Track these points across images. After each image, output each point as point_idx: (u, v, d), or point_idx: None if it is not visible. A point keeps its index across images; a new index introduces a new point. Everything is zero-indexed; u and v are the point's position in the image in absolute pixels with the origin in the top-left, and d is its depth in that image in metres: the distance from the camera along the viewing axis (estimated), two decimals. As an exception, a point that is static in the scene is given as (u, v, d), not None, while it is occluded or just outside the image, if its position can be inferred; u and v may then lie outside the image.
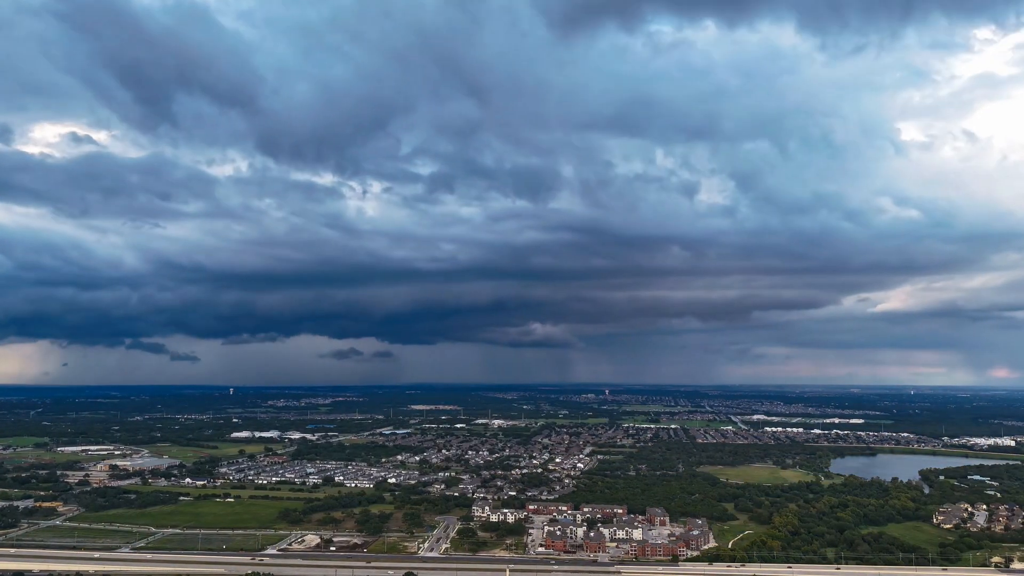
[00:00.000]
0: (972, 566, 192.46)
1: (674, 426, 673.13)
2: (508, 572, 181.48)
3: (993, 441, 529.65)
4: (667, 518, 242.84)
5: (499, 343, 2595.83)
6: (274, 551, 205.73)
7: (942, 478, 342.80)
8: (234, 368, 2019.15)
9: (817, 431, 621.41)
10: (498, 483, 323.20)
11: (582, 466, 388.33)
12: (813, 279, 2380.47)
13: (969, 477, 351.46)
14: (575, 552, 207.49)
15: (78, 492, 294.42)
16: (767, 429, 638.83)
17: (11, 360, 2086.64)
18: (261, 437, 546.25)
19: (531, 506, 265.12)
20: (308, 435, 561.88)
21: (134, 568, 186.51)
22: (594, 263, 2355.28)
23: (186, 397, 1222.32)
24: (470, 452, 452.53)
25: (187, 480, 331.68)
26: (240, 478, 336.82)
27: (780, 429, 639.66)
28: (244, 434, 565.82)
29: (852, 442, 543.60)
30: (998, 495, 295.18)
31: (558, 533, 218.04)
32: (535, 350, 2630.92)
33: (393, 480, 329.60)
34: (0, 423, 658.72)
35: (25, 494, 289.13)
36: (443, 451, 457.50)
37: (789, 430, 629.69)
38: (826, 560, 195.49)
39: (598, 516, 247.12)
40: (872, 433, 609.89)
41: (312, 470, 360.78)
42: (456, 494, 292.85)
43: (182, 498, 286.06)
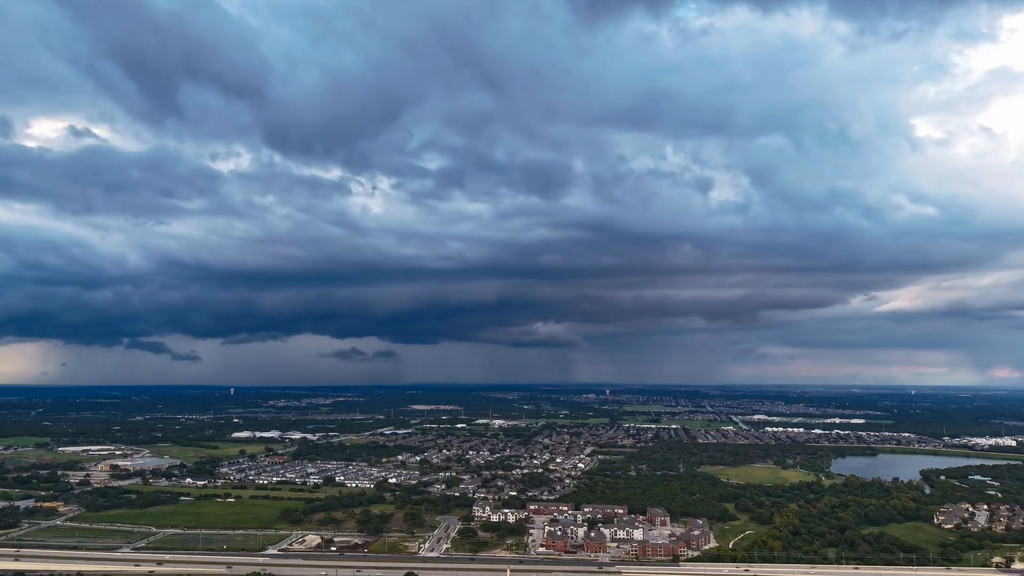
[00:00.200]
0: (973, 566, 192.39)
1: (675, 426, 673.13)
2: (509, 572, 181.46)
3: (994, 441, 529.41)
4: (668, 518, 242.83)
5: (502, 343, 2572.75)
6: (275, 551, 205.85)
7: (943, 478, 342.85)
8: (235, 368, 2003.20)
9: (818, 431, 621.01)
10: (499, 483, 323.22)
11: (583, 466, 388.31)
12: (824, 277, 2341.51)
13: (970, 477, 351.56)
14: (576, 552, 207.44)
15: (79, 492, 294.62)
16: (768, 429, 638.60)
17: (11, 360, 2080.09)
18: (262, 437, 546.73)
19: (532, 506, 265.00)
20: (309, 435, 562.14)
21: (135, 568, 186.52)
22: (603, 261, 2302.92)
23: (187, 397, 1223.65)
24: (471, 452, 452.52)
25: (188, 480, 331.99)
26: (241, 478, 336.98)
27: (781, 429, 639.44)
28: (245, 434, 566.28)
29: (853, 442, 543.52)
30: (999, 495, 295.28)
31: (559, 533, 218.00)
32: (538, 350, 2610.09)
33: (394, 480, 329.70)
34: (1, 423, 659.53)
35: (26, 494, 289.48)
36: (444, 451, 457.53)
37: (790, 430, 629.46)
38: (827, 560, 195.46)
39: (599, 516, 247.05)
40: (873, 433, 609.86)
41: (313, 470, 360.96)
42: (457, 494, 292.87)
43: (183, 498, 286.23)
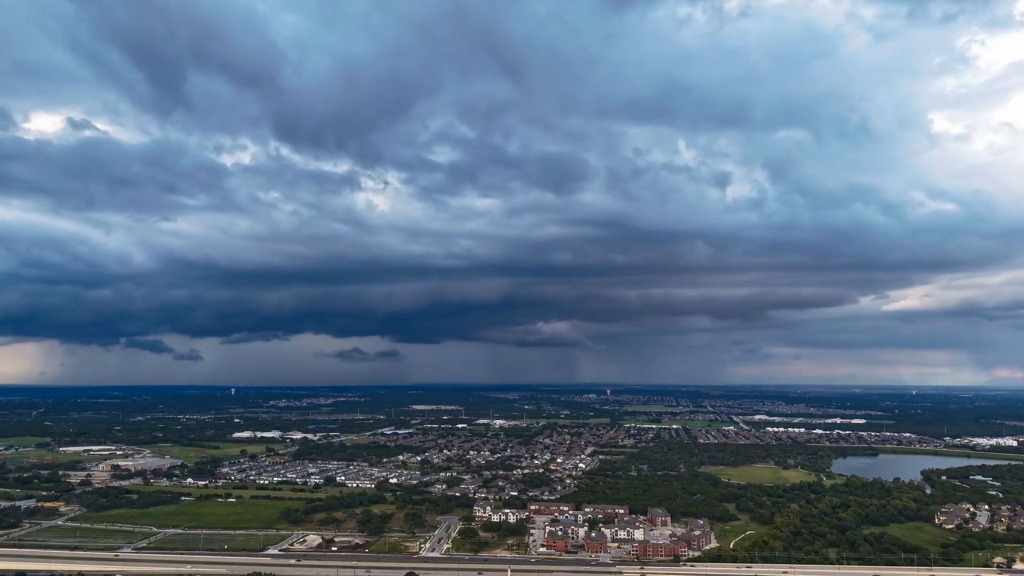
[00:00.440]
0: (974, 566, 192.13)
1: (676, 426, 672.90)
2: (510, 572, 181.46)
3: (995, 441, 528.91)
4: (668, 518, 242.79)
5: (505, 342, 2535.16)
6: (276, 551, 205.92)
7: (944, 478, 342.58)
8: (236, 368, 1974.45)
9: (819, 431, 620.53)
10: (499, 483, 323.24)
11: (583, 466, 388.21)
12: (837, 276, 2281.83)
13: (971, 477, 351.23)
14: (576, 552, 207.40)
15: (80, 492, 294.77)
16: (769, 429, 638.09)
17: (12, 360, 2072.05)
18: (263, 437, 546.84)
19: (532, 506, 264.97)
20: (310, 435, 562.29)
21: (136, 568, 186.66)
22: (612, 260, 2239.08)
23: (188, 397, 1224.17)
24: (471, 452, 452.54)
25: (189, 480, 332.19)
26: (242, 478, 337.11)
27: (782, 429, 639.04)
28: (246, 434, 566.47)
29: (854, 442, 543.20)
30: (1000, 495, 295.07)
31: (559, 533, 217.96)
32: (541, 349, 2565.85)
33: (394, 480, 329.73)
34: (2, 423, 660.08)
35: (27, 494, 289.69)
36: (444, 451, 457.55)
37: (791, 430, 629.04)
38: (828, 560, 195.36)
39: (599, 516, 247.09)
40: (874, 433, 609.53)
41: (314, 470, 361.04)
42: (457, 494, 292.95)
43: (184, 498, 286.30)
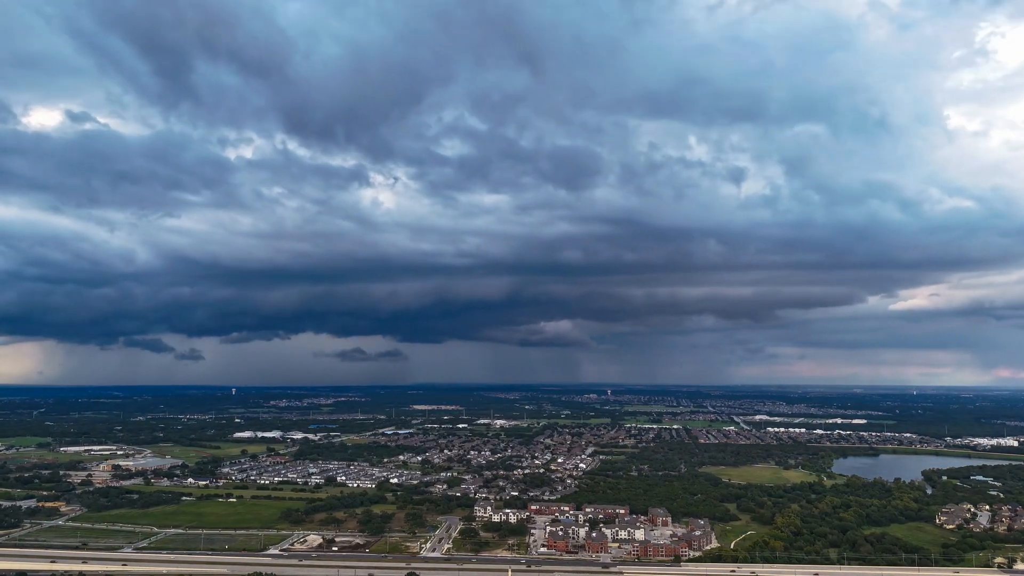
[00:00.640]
0: (975, 567, 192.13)
1: (676, 426, 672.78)
2: (510, 572, 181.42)
3: (996, 441, 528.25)
4: (669, 518, 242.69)
5: (508, 342, 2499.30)
6: (276, 551, 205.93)
7: (945, 478, 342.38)
8: (237, 368, 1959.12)
9: (820, 431, 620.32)
10: (500, 483, 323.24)
11: (584, 466, 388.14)
12: (848, 274, 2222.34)
13: (972, 478, 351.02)
14: (577, 552, 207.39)
15: (81, 492, 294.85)
16: (769, 429, 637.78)
17: (12, 360, 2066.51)
18: (263, 437, 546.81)
19: (533, 506, 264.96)
20: (310, 435, 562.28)
21: (137, 568, 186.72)
22: (622, 258, 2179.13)
23: (188, 397, 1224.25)
24: (472, 452, 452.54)
25: (189, 480, 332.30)
26: (242, 478, 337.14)
27: (782, 429, 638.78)
28: (246, 434, 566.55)
29: (855, 442, 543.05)
30: (1001, 496, 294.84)
31: (560, 533, 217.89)
32: (544, 349, 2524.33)
33: (395, 480, 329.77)
34: (3, 423, 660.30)
35: (28, 494, 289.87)
36: (445, 451, 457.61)
37: (791, 430, 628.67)
38: (829, 561, 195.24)
39: (600, 516, 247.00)
40: (875, 433, 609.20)
41: (314, 470, 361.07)
42: (458, 494, 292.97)
43: (184, 498, 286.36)
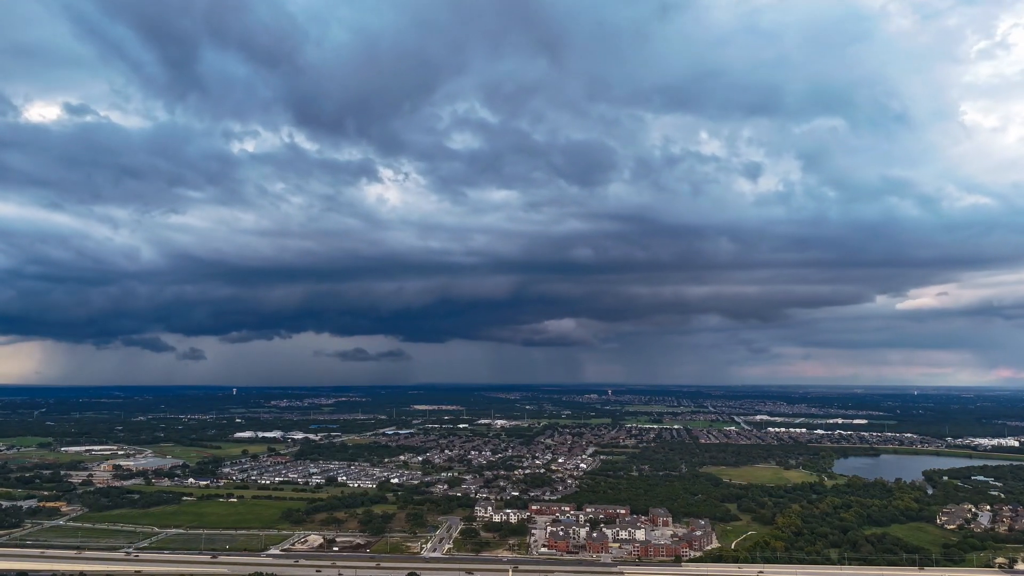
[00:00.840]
0: (976, 567, 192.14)
1: (677, 426, 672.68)
2: (511, 572, 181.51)
3: (997, 442, 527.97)
4: (670, 519, 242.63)
5: (512, 341, 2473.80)
6: (277, 551, 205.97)
7: (946, 479, 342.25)
8: (237, 368, 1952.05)
9: (820, 431, 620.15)
10: (501, 483, 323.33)
11: (585, 466, 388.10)
12: (860, 273, 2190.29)
13: (973, 478, 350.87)
14: (578, 552, 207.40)
15: (82, 492, 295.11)
16: (770, 429, 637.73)
17: (13, 360, 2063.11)
18: (264, 437, 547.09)
19: (534, 506, 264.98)
20: (311, 435, 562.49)
21: (138, 568, 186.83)
22: (633, 256, 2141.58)
23: (189, 397, 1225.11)
24: (473, 452, 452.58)
25: (190, 480, 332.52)
26: (243, 478, 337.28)
27: (783, 429, 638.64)
28: (247, 434, 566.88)
29: (855, 442, 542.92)
30: (1002, 496, 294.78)
31: (561, 533, 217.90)
32: (548, 349, 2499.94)
33: (396, 480, 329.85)
34: (4, 423, 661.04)
35: (29, 494, 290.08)
36: (446, 451, 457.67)
37: (792, 430, 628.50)
38: (829, 561, 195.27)
39: (601, 516, 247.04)
40: (875, 433, 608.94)
41: (315, 470, 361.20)
42: (459, 494, 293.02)
43: (185, 498, 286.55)
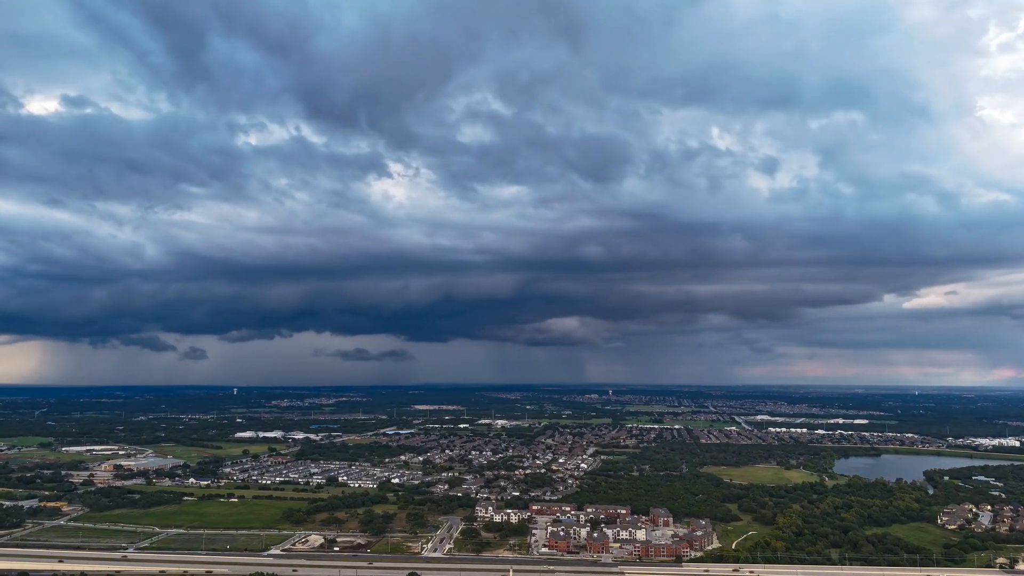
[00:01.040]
0: (977, 567, 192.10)
1: (678, 426, 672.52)
2: (512, 572, 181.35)
3: (998, 442, 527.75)
4: (671, 519, 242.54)
5: (515, 340, 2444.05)
6: (278, 551, 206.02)
7: (946, 479, 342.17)
8: (238, 368, 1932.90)
9: (821, 431, 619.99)
10: (501, 483, 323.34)
11: (585, 466, 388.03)
12: (873, 271, 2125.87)
13: (974, 478, 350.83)
14: (579, 552, 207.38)
15: (82, 492, 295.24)
16: (771, 430, 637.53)
17: (14, 360, 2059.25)
18: (265, 437, 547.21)
19: (534, 506, 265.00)
20: (312, 435, 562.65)
21: (138, 568, 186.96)
22: (644, 254, 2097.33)
23: (190, 397, 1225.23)
24: (473, 452, 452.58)
25: (191, 480, 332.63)
26: (244, 478, 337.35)
27: (784, 430, 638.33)
28: (248, 434, 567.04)
29: (856, 443, 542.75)
30: (1003, 496, 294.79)
31: (561, 533, 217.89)
32: (552, 348, 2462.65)
33: (397, 480, 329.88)
34: (5, 423, 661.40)
35: (30, 494, 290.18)
36: (446, 451, 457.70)
37: (793, 430, 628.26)
38: (830, 561, 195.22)
39: (601, 516, 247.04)
40: (876, 434, 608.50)
41: (316, 470, 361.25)
42: (459, 494, 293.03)
43: (186, 498, 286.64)
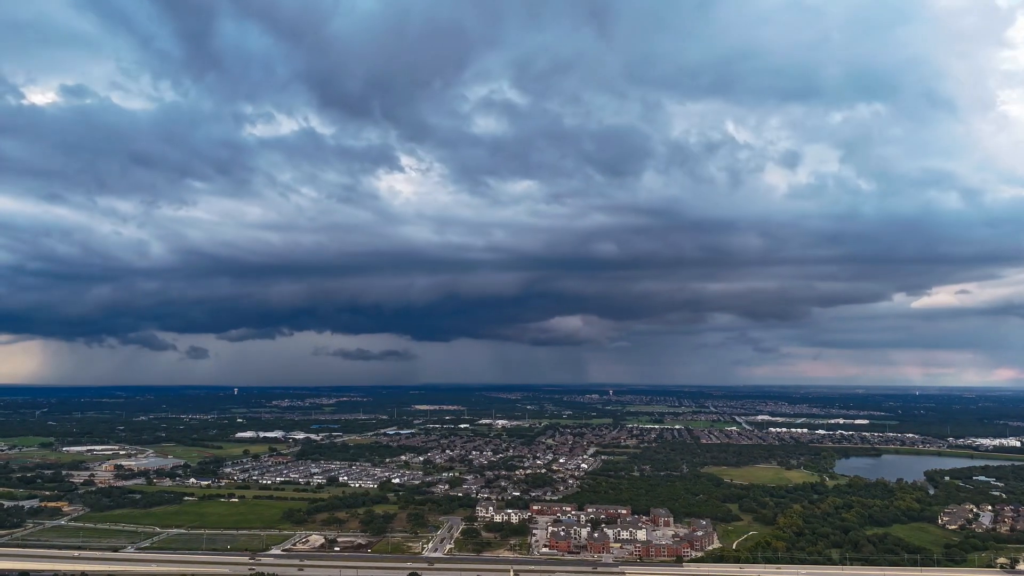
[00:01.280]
0: (977, 567, 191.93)
1: (678, 427, 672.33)
2: (512, 572, 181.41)
3: (999, 442, 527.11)
4: (671, 519, 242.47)
5: (520, 340, 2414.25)
6: (278, 551, 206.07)
7: (947, 479, 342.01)
8: (239, 368, 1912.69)
9: (822, 432, 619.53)
10: (502, 483, 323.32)
11: (586, 466, 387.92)
12: (889, 269, 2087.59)
13: (974, 478, 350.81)
14: (579, 553, 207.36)
15: (83, 492, 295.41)
16: (771, 430, 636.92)
17: (14, 359, 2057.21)
18: (265, 437, 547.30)
19: (535, 506, 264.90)
20: (312, 435, 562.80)
21: (139, 568, 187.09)
22: (658, 251, 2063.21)
23: (191, 397, 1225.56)
24: (474, 452, 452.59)
25: (192, 480, 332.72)
26: (244, 478, 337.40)
27: (784, 430, 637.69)
28: (248, 434, 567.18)
29: (857, 443, 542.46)
30: (1003, 496, 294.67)
31: (562, 534, 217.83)
32: (556, 348, 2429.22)
33: (397, 480, 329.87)
34: (6, 423, 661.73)
35: (30, 494, 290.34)
36: (447, 451, 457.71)
37: (793, 430, 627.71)
38: (831, 561, 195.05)
39: (602, 517, 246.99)
40: (877, 434, 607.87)
41: (316, 470, 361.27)
42: (460, 494, 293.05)
43: (187, 498, 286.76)
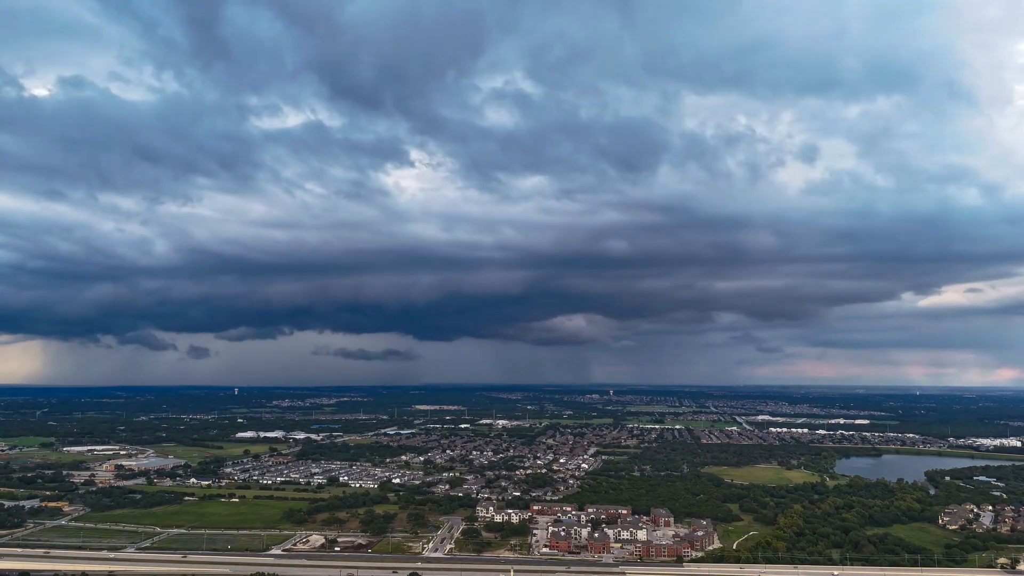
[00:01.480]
0: (978, 567, 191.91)
1: (678, 427, 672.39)
2: (512, 573, 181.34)
3: (999, 442, 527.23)
4: (671, 519, 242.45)
5: (523, 340, 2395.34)
6: (279, 551, 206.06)
7: (948, 479, 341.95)
8: (239, 367, 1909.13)
9: (822, 432, 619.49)
10: (502, 483, 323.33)
11: (586, 467, 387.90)
12: (901, 267, 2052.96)
13: (975, 478, 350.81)
14: (579, 553, 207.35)
15: (83, 492, 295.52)
16: (772, 430, 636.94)
17: (15, 359, 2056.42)
18: (266, 437, 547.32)
19: (535, 507, 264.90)
20: (313, 435, 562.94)
21: (139, 568, 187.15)
22: (669, 249, 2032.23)
23: (191, 397, 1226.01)
24: (474, 452, 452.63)
25: (192, 480, 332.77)
26: (245, 478, 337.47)
27: (785, 430, 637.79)
28: (249, 434, 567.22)
29: (857, 443, 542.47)
30: (1004, 496, 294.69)
31: (562, 534, 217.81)
32: (560, 348, 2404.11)
33: (397, 480, 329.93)
34: (6, 423, 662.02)
35: (31, 494, 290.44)
36: (447, 451, 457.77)
37: (794, 431, 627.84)
38: (831, 561, 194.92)
39: (602, 517, 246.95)
40: (877, 434, 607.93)
41: (317, 470, 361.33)
42: (460, 494, 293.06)
43: (187, 498, 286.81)
